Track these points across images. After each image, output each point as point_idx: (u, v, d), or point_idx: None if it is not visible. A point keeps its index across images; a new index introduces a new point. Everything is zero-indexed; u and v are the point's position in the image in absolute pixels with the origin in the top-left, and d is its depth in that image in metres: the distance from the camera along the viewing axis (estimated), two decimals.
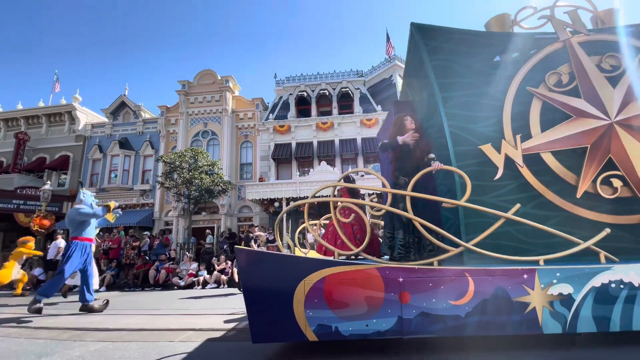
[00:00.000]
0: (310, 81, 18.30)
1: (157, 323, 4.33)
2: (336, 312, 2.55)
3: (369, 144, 16.15)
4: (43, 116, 18.65)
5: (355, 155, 16.34)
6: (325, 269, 2.61)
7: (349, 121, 16.84)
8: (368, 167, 14.79)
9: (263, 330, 2.61)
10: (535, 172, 3.09)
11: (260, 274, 2.68)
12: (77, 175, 17.78)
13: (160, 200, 16.74)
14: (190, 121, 17.38)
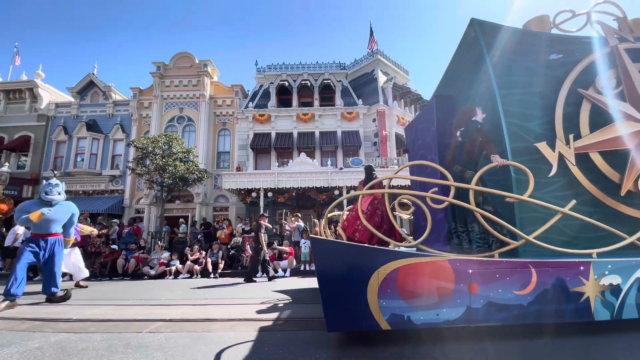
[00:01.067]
0: (292, 71, 18.01)
1: (143, 313, 4.18)
2: (408, 301, 2.65)
3: (349, 137, 16.22)
4: (1, 92, 17.16)
5: (335, 148, 16.37)
6: (398, 260, 2.69)
7: (330, 113, 16.79)
8: (347, 160, 14.89)
9: (338, 319, 2.68)
10: (584, 170, 3.30)
11: (335, 264, 2.73)
12: (40, 158, 16.61)
13: (131, 187, 16.02)
14: (165, 105, 16.64)
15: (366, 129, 16.72)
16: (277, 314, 4.06)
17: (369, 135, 16.67)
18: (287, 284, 7.34)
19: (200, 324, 3.64)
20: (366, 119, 16.83)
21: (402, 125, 17.14)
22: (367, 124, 16.77)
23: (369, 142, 16.56)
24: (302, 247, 10.03)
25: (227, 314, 4.13)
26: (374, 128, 16.50)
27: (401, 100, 17.95)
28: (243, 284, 7.42)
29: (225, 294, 6.06)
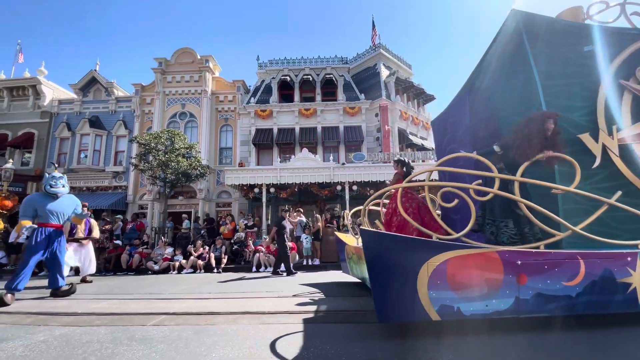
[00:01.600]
0: (294, 65, 17.91)
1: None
2: (458, 293, 2.67)
3: (352, 132, 16.15)
4: (4, 89, 17.23)
5: (338, 143, 16.31)
6: (448, 252, 2.71)
7: (332, 108, 16.71)
8: (349, 156, 14.82)
9: (388, 310, 2.71)
10: (627, 162, 3.29)
11: (385, 256, 2.75)
12: (43, 154, 16.71)
13: (134, 183, 16.09)
14: (167, 101, 16.63)
15: (369, 124, 16.63)
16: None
17: (371, 130, 16.59)
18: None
19: (203, 317, 3.66)
20: (369, 113, 16.74)
21: (404, 120, 17.04)
22: (369, 119, 16.68)
23: (371, 137, 16.49)
24: (304, 242, 10.05)
25: (238, 307, 4.14)
26: (377, 123, 16.41)
27: (404, 95, 17.82)
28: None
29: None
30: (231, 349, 2.60)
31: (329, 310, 3.87)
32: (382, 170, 12.69)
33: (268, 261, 9.32)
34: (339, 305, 4.18)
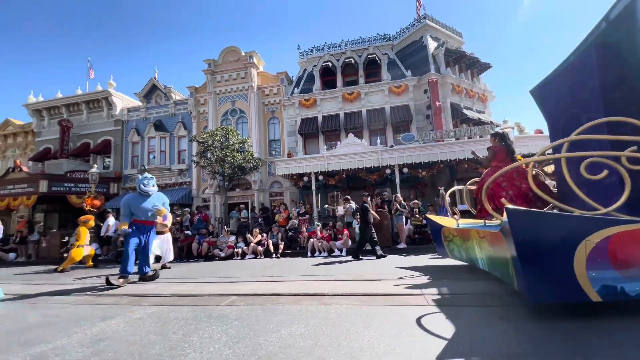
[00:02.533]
0: (334, 50, 17.61)
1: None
2: (621, 272, 2.52)
3: (399, 113, 15.53)
4: (82, 103, 19.75)
5: (384, 126, 15.84)
6: (610, 228, 2.55)
7: (377, 90, 16.19)
8: (397, 137, 14.32)
9: (542, 291, 2.67)
10: None
11: (538, 235, 2.66)
12: (120, 158, 18.95)
13: (196, 179, 17.51)
14: (218, 100, 17.62)
15: (417, 101, 15.83)
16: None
17: (420, 109, 15.79)
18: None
19: (269, 298, 3.90)
20: (416, 91, 15.91)
21: (457, 94, 15.88)
22: (418, 97, 15.86)
23: (421, 116, 15.70)
24: (356, 228, 10.06)
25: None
26: (426, 100, 15.54)
27: (455, 67, 16.55)
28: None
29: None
30: (304, 327, 2.74)
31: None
32: (435, 150, 12.06)
33: (322, 246, 9.55)
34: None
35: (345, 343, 2.35)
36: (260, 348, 2.31)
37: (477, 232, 4.15)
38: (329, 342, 2.37)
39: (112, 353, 2.34)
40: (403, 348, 2.23)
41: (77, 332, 2.87)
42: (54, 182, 16.00)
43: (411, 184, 14.19)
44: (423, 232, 10.52)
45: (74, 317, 3.40)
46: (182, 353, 2.29)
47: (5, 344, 2.62)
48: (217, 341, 2.49)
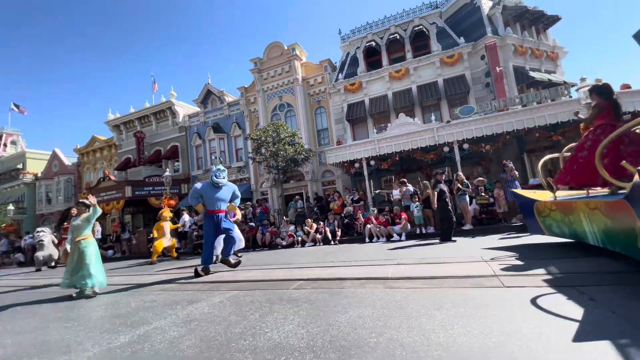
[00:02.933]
0: (377, 28, 16.90)
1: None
2: None
3: (454, 84, 14.42)
4: (151, 115, 22.04)
5: (438, 101, 14.87)
6: None
7: (427, 63, 15.20)
8: (454, 111, 13.35)
9: None
10: None
11: None
12: (187, 161, 20.85)
13: (254, 174, 18.51)
14: (266, 97, 18.24)
15: (474, 70, 14.51)
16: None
17: (478, 77, 14.46)
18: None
19: (334, 282, 4.00)
20: (472, 58, 14.57)
21: (521, 55, 14.18)
22: (474, 64, 14.53)
23: (479, 85, 14.39)
24: (415, 211, 9.72)
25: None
26: (484, 67, 14.17)
27: (516, 25, 14.75)
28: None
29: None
30: (372, 309, 2.76)
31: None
32: (498, 120, 10.99)
33: (380, 232, 9.44)
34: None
35: (416, 324, 2.31)
36: (331, 328, 2.39)
37: (586, 204, 3.70)
38: (399, 324, 2.36)
39: (202, 332, 2.62)
40: (480, 330, 2.12)
41: (171, 314, 3.28)
42: (136, 187, 18.25)
43: (473, 161, 13.19)
44: (490, 211, 9.77)
45: (167, 302, 3.88)
46: (261, 332, 2.47)
47: (116, 326, 3.10)
48: (290, 321, 2.64)
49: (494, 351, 1.82)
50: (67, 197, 25.32)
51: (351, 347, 2.03)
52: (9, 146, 32.06)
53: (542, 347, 1.81)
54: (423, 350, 1.89)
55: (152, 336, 2.64)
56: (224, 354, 2.12)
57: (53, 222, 24.92)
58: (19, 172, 27.71)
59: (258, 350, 2.14)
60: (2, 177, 28.59)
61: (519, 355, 1.75)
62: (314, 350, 2.03)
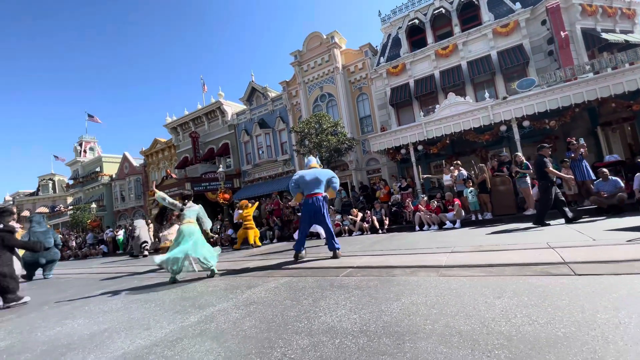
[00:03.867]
0: (420, 4, 15.95)
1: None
2: None
3: (509, 56, 13.13)
4: (203, 115, 23.54)
5: (492, 76, 13.68)
6: None
7: (478, 36, 14.00)
8: (511, 86, 12.20)
9: None
10: None
11: None
12: (237, 157, 22.00)
13: (298, 166, 18.89)
14: (307, 89, 18.38)
15: (533, 38, 13.05)
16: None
17: (538, 45, 12.97)
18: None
19: (383, 269, 3.97)
20: (531, 25, 13.09)
21: (590, 16, 12.40)
22: (534, 31, 13.05)
23: (540, 55, 12.92)
24: (469, 197, 9.16)
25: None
26: (546, 33, 12.66)
27: None
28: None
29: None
30: (425, 296, 2.71)
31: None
32: (565, 92, 9.79)
33: (431, 219, 9.10)
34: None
35: (474, 312, 2.22)
36: (384, 314, 2.40)
37: None
38: (456, 311, 2.28)
39: (260, 314, 2.80)
40: (547, 319, 1.96)
41: (232, 298, 3.55)
42: (194, 183, 19.77)
43: (536, 139, 11.96)
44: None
45: (228, 287, 4.20)
46: (314, 316, 2.57)
47: (186, 307, 3.44)
48: (342, 307, 2.70)
49: (564, 342, 1.68)
50: (137, 195, 28.40)
51: (405, 333, 2.02)
52: (88, 152, 36.70)
53: (620, 338, 1.63)
54: (482, 339, 1.81)
55: (217, 317, 2.89)
56: (282, 335, 2.26)
57: (128, 217, 28.22)
58: (97, 174, 31.67)
59: (313, 332, 2.23)
60: (85, 179, 32.93)
61: (594, 346, 1.60)
62: (368, 335, 2.06)
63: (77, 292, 5.52)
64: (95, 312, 3.77)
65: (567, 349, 1.61)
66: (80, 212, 26.31)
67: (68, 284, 6.96)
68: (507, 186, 9.00)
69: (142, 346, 2.41)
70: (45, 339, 2.95)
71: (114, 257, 15.75)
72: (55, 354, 2.51)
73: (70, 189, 35.08)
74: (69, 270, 10.30)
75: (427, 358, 1.68)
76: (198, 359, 2.05)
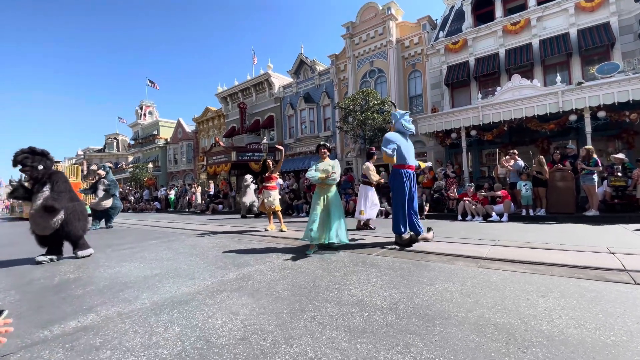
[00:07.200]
0: None
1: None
2: None
3: (591, 36, 11.42)
4: (251, 87, 24.03)
5: (567, 57, 12.08)
6: None
7: (556, 10, 12.30)
8: (590, 70, 10.73)
9: None
10: None
11: None
12: (280, 130, 22.39)
13: (340, 143, 18.78)
14: (357, 63, 17.77)
15: (623, 16, 11.16)
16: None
17: (628, 25, 11.09)
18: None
19: (418, 254, 3.89)
20: (622, 0, 11.16)
21: None
22: (624, 8, 11.14)
23: (629, 36, 11.07)
24: (523, 190, 8.47)
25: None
26: (639, 11, 10.73)
27: None
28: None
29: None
30: (461, 285, 2.63)
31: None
32: None
33: (476, 210, 8.62)
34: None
35: (513, 308, 2.10)
36: (415, 297, 2.37)
37: None
38: (493, 304, 2.18)
39: (293, 279, 2.93)
40: (597, 325, 1.81)
41: (268, 261, 3.74)
42: (240, 152, 20.58)
43: (610, 133, 10.59)
44: (627, 195, 7.84)
45: (265, 251, 4.43)
46: (345, 288, 2.62)
47: (226, 264, 3.70)
48: (373, 284, 2.71)
49: (612, 349, 1.54)
50: (188, 159, 30.45)
51: (436, 316, 1.99)
52: (147, 116, 39.71)
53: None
54: (519, 334, 1.72)
55: (254, 276, 3.08)
56: (312, 300, 2.35)
57: (179, 178, 30.55)
58: (154, 137, 34.33)
59: (342, 302, 2.29)
60: (144, 141, 35.91)
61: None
62: (397, 313, 2.07)
63: (134, 240, 6.19)
64: (149, 258, 4.21)
65: (614, 356, 1.48)
66: (138, 170, 28.97)
67: (126, 232, 7.84)
68: (568, 182, 8.16)
69: (187, 293, 2.67)
70: (107, 276, 3.39)
71: (166, 213, 17.31)
72: (114, 289, 2.88)
73: (131, 149, 38.63)
74: (127, 221, 11.55)
75: (457, 344, 1.64)
76: (235, 310, 2.22)
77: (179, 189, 22.01)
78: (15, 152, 4.23)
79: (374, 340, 1.72)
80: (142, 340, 1.81)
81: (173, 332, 1.91)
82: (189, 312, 2.22)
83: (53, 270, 3.73)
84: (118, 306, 2.41)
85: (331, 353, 1.59)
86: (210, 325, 1.99)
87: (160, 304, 2.43)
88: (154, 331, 1.93)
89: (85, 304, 2.49)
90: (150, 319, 2.12)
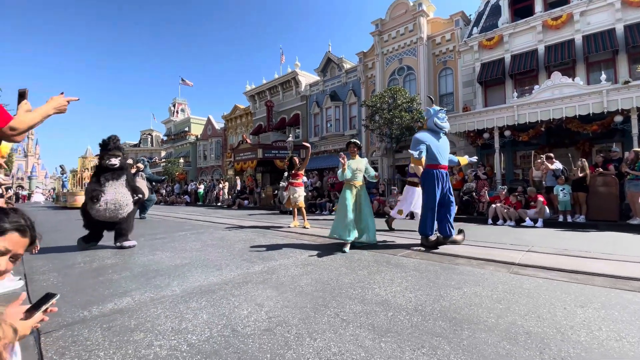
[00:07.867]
0: None
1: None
2: None
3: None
4: (278, 85, 24.34)
5: (613, 54, 11.20)
6: None
7: (601, 4, 11.42)
8: (638, 68, 9.90)
9: None
10: None
11: None
12: (306, 128, 22.52)
13: (365, 142, 18.58)
14: (385, 61, 17.49)
15: None
16: None
17: None
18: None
19: (445, 257, 3.78)
20: None
21: None
22: None
23: None
24: (560, 195, 7.97)
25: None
26: None
27: None
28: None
29: None
30: (492, 290, 2.53)
31: None
32: None
33: (508, 214, 8.22)
34: None
35: (548, 316, 1.99)
36: (442, 299, 2.31)
37: None
38: (526, 311, 2.07)
39: (317, 275, 2.95)
40: (639, 338, 1.67)
41: (292, 256, 3.79)
42: (266, 150, 20.94)
43: None
44: None
45: (289, 246, 4.49)
46: (369, 286, 2.60)
47: (252, 257, 3.78)
48: (398, 284, 2.67)
49: None
50: (217, 156, 31.43)
51: (464, 321, 1.93)
52: (179, 113, 41.38)
53: None
54: (555, 344, 1.63)
55: (278, 270, 3.13)
56: (335, 297, 2.35)
57: (208, 174, 31.63)
58: (186, 133, 35.73)
59: (366, 301, 2.27)
60: (176, 137, 37.48)
61: None
62: (423, 315, 2.02)
63: (166, 231, 6.50)
64: (179, 249, 4.40)
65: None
66: (170, 165, 30.30)
67: (159, 223, 8.23)
68: (610, 188, 7.58)
69: (214, 283, 2.76)
70: (140, 263, 3.58)
71: (195, 207, 17.99)
72: (147, 275, 3.04)
73: (164, 144, 40.46)
74: (159, 213, 12.13)
75: (486, 350, 1.58)
76: (260, 302, 2.27)
77: (207, 184, 22.80)
78: (110, 136, 4.74)
79: (398, 340, 1.69)
80: (173, 325, 1.90)
81: (201, 319, 1.99)
82: (216, 301, 2.29)
83: (92, 256, 4.00)
84: (151, 292, 2.54)
85: (355, 350, 1.59)
86: (237, 314, 2.05)
87: (189, 291, 2.53)
88: (183, 317, 2.02)
89: (121, 288, 2.65)
90: (180, 306, 2.22)
